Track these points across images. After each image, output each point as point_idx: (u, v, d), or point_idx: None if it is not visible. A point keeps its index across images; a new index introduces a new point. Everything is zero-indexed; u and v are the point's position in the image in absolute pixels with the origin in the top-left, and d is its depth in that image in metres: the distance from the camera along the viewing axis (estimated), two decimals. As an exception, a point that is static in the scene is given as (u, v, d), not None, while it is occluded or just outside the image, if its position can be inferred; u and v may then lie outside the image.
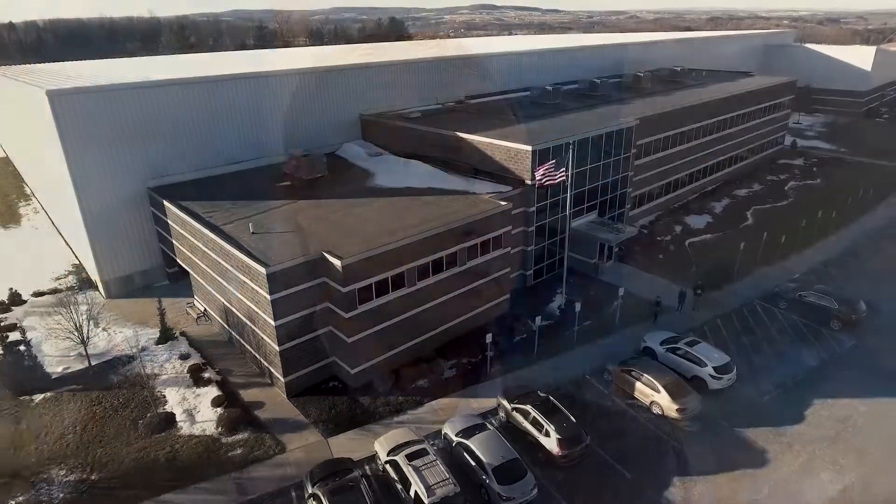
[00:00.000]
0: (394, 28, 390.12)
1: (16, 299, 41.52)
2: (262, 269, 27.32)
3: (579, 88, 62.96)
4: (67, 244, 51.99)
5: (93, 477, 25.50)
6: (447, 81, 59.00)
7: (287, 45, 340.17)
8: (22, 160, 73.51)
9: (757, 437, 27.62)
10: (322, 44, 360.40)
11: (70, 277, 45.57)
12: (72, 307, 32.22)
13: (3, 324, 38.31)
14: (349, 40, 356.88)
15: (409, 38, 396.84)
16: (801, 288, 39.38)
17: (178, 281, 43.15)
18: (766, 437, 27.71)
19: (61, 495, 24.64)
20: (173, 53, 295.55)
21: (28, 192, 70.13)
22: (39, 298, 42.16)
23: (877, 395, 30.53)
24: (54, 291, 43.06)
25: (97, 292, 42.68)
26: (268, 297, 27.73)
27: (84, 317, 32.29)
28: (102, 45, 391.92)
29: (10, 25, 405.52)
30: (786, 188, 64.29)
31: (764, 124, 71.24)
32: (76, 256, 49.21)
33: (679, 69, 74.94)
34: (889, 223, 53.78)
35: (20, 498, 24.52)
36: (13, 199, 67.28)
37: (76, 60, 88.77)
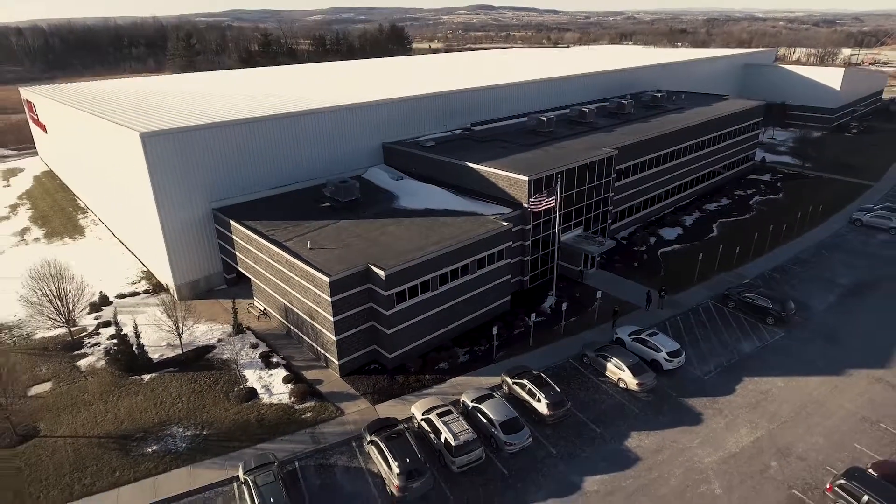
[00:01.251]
0: (394, 34, 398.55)
1: (105, 300, 50.52)
2: (326, 278, 36.35)
3: (569, 115, 71.85)
4: (132, 253, 60.91)
5: (205, 432, 34.53)
6: (455, 110, 68.06)
7: (291, 51, 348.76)
8: (75, 176, 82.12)
9: (696, 405, 36.79)
10: (325, 49, 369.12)
11: (142, 283, 54.49)
12: (169, 305, 41.22)
13: (100, 321, 47.41)
14: (351, 47, 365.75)
15: (408, 43, 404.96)
16: (746, 290, 48.56)
17: (234, 285, 52.31)
18: (703, 404, 36.89)
19: (183, 445, 33.66)
20: (180, 59, 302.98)
21: (81, 205, 78.84)
22: (123, 300, 51.20)
23: (793, 374, 39.71)
24: (134, 294, 52.12)
25: (168, 295, 51.66)
26: (329, 299, 36.75)
27: (181, 313, 41.28)
28: (109, 50, 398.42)
29: (18, 31, 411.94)
30: (750, 202, 73.46)
31: (735, 143, 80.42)
32: (143, 264, 58.18)
33: (660, 94, 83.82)
34: (831, 236, 62.96)
35: (154, 447, 33.52)
36: (71, 212, 76.01)
37: (84, 64, 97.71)
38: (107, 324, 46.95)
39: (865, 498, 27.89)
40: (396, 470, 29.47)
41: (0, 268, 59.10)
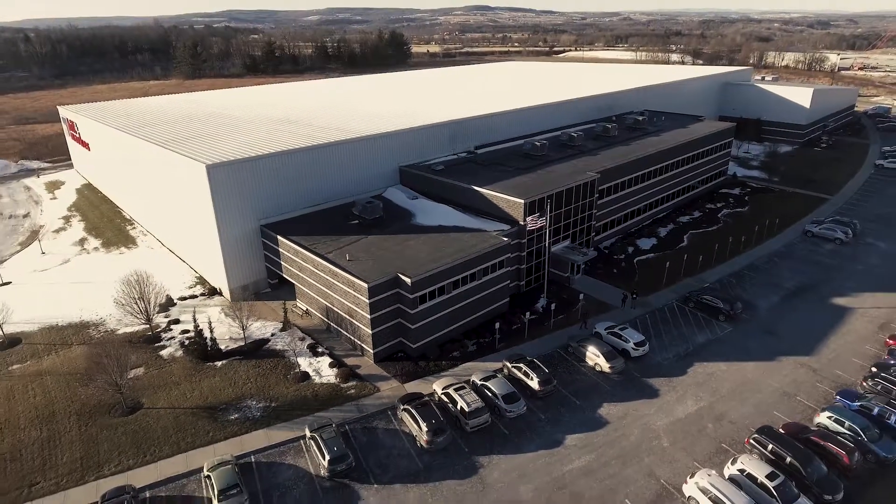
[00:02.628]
0: (393, 40, 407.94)
1: (170, 302, 60.37)
2: (365, 284, 46.29)
3: (560, 139, 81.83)
4: (183, 261, 70.67)
5: (273, 404, 44.46)
6: (461, 135, 78.01)
7: (294, 58, 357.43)
8: (120, 191, 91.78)
9: (655, 384, 46.90)
10: (327, 55, 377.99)
11: (198, 287, 64.31)
12: (233, 306, 51.10)
13: (169, 319, 57.28)
14: (352, 55, 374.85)
15: (407, 49, 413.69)
16: (703, 293, 58.69)
17: (276, 289, 62.18)
18: (661, 383, 46.99)
19: (258, 414, 43.57)
20: (186, 66, 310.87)
21: (127, 217, 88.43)
22: (184, 301, 61.06)
23: (734, 360, 49.83)
24: (193, 297, 62.01)
25: (221, 297, 61.57)
26: (367, 301, 46.68)
27: (245, 313, 51.21)
28: (115, 56, 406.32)
29: (26, 37, 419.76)
30: (719, 215, 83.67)
31: (708, 161, 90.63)
32: (194, 270, 67.99)
33: (641, 118, 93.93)
34: (784, 246, 73.13)
35: (236, 415, 43.43)
36: (119, 224, 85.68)
37: (92, 70, 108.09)
38: (176, 321, 56.90)
39: (770, 446, 38.00)
40: (425, 428, 39.50)
41: (71, 275, 68.87)
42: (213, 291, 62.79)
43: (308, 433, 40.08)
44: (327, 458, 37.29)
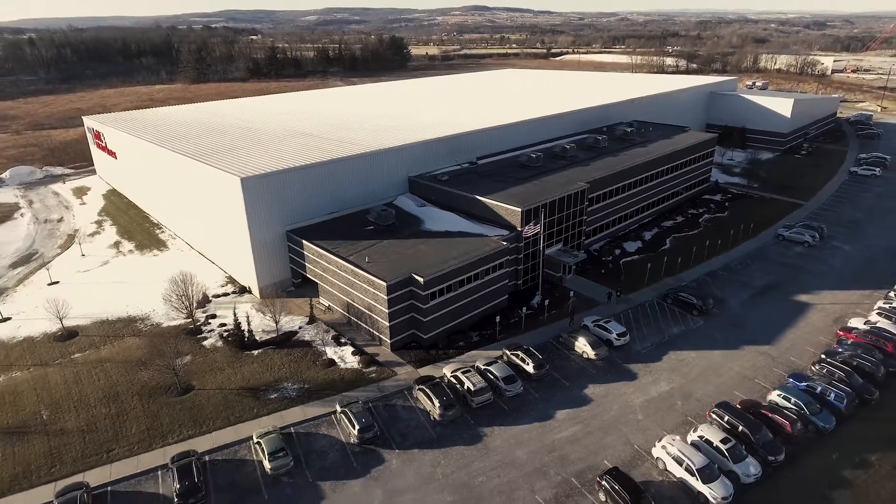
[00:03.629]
0: (393, 44, 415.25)
1: (206, 299, 67.68)
2: (384, 283, 53.68)
3: (554, 150, 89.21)
4: (212, 262, 77.90)
5: (306, 386, 51.86)
6: (463, 148, 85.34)
7: (297, 62, 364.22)
8: (147, 197, 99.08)
9: (634, 368, 54.36)
10: (328, 60, 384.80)
11: (228, 286, 71.61)
12: (266, 302, 58.51)
13: (207, 314, 64.58)
14: (353, 58, 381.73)
15: (407, 53, 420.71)
16: (680, 290, 66.17)
17: (299, 287, 69.50)
18: (639, 368, 54.47)
19: (294, 394, 50.93)
20: (192, 70, 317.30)
21: (155, 221, 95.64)
22: (218, 298, 68.38)
23: (703, 349, 57.32)
24: (225, 294, 69.33)
25: (251, 294, 68.90)
26: (385, 297, 54.05)
27: (278, 308, 58.59)
28: (119, 59, 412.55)
29: (31, 41, 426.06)
30: (700, 220, 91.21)
31: (692, 170, 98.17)
32: (223, 271, 75.26)
33: (630, 129, 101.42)
34: (757, 248, 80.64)
35: (275, 395, 50.79)
36: (148, 228, 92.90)
37: (97, 74, 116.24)
38: (213, 316, 64.23)
39: (726, 418, 45.52)
40: (438, 404, 46.95)
41: (112, 275, 76.15)
42: (243, 290, 70.14)
43: (339, 408, 47.51)
44: (357, 427, 44.74)
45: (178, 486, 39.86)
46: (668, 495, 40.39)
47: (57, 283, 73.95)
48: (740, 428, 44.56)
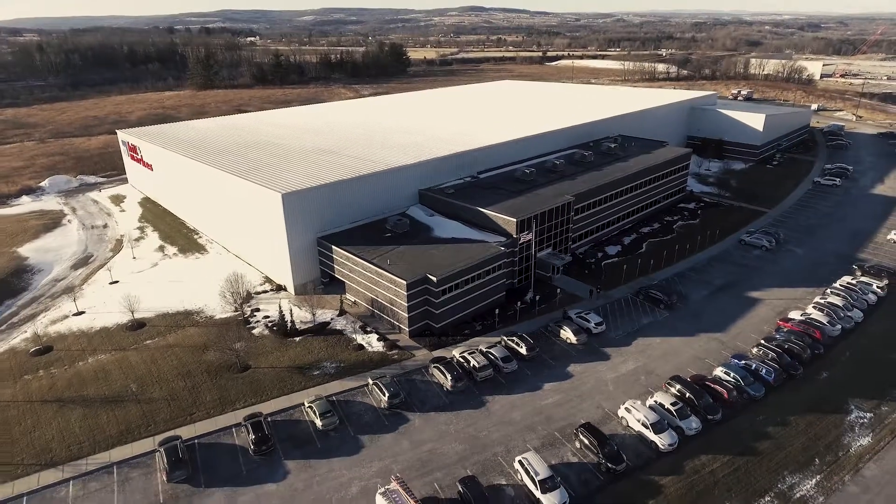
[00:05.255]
0: (393, 51, 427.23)
1: (249, 296, 79.63)
2: (404, 281, 65.81)
3: (545, 165, 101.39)
4: (249, 264, 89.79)
5: (342, 365, 63.90)
6: (466, 164, 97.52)
7: (301, 69, 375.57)
8: (182, 205, 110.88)
9: (608, 351, 66.65)
10: (330, 66, 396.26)
11: (266, 284, 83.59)
12: (303, 298, 70.59)
13: (252, 308, 76.58)
14: (355, 66, 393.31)
15: (406, 59, 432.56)
16: (650, 288, 78.45)
17: (327, 285, 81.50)
18: (613, 351, 66.76)
19: (332, 371, 62.98)
20: (200, 78, 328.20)
21: (191, 227, 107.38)
22: (258, 295, 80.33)
23: (666, 336, 69.62)
24: (264, 292, 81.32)
25: (286, 292, 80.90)
26: (405, 293, 66.17)
27: (314, 302, 70.64)
28: (126, 66, 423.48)
29: (39, 47, 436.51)
30: (674, 227, 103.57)
31: (668, 182, 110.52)
32: (260, 272, 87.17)
33: (614, 145, 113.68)
34: (721, 252, 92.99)
35: (317, 372, 62.83)
36: (187, 233, 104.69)
37: (106, 80, 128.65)
38: (257, 310, 76.19)
39: (678, 387, 57.85)
40: (450, 378, 59.16)
41: (163, 275, 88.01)
42: (279, 288, 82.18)
43: (371, 381, 59.71)
44: (387, 395, 56.96)
45: (252, 438, 51.92)
46: (628, 444, 52.65)
47: (117, 282, 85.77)
48: (687, 395, 56.88)
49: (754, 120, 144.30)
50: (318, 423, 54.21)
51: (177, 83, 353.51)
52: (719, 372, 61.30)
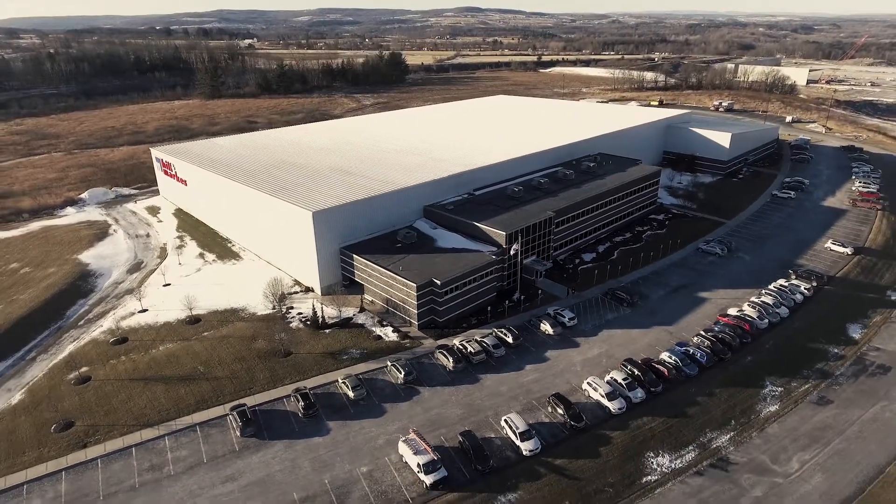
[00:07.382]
0: (392, 60, 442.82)
1: (284, 296, 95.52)
2: (414, 284, 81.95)
3: (532, 183, 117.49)
4: (279, 269, 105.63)
5: (365, 351, 79.95)
6: (464, 182, 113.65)
7: (304, 78, 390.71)
8: (214, 216, 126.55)
9: (579, 340, 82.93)
10: (332, 74, 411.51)
11: (296, 286, 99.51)
12: (329, 298, 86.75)
13: (286, 306, 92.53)
14: (356, 74, 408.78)
15: (406, 67, 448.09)
16: (616, 288, 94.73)
17: (348, 287, 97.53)
18: (582, 340, 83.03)
19: (358, 356, 79.09)
20: (207, 87, 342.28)
21: (224, 236, 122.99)
22: (290, 296, 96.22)
23: (627, 328, 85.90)
24: (296, 293, 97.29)
25: (314, 293, 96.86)
26: (415, 293, 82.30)
27: (340, 301, 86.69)
28: (133, 74, 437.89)
29: (50, 56, 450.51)
30: (643, 236, 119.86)
31: (639, 196, 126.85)
32: (289, 275, 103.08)
33: (592, 164, 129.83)
34: (680, 258, 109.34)
35: (345, 357, 78.92)
36: (222, 242, 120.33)
37: (116, 89, 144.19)
38: (290, 308, 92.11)
39: (629, 367, 74.21)
40: (451, 359, 75.41)
41: (207, 278, 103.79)
42: (307, 289, 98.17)
43: (389, 363, 75.89)
44: (402, 373, 73.14)
45: (302, 405, 68.01)
46: (588, 408, 68.91)
47: (169, 284, 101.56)
48: (636, 372, 73.22)
49: (721, 138, 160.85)
50: (351, 394, 70.32)
51: (185, 92, 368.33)
52: (664, 356, 77.60)
